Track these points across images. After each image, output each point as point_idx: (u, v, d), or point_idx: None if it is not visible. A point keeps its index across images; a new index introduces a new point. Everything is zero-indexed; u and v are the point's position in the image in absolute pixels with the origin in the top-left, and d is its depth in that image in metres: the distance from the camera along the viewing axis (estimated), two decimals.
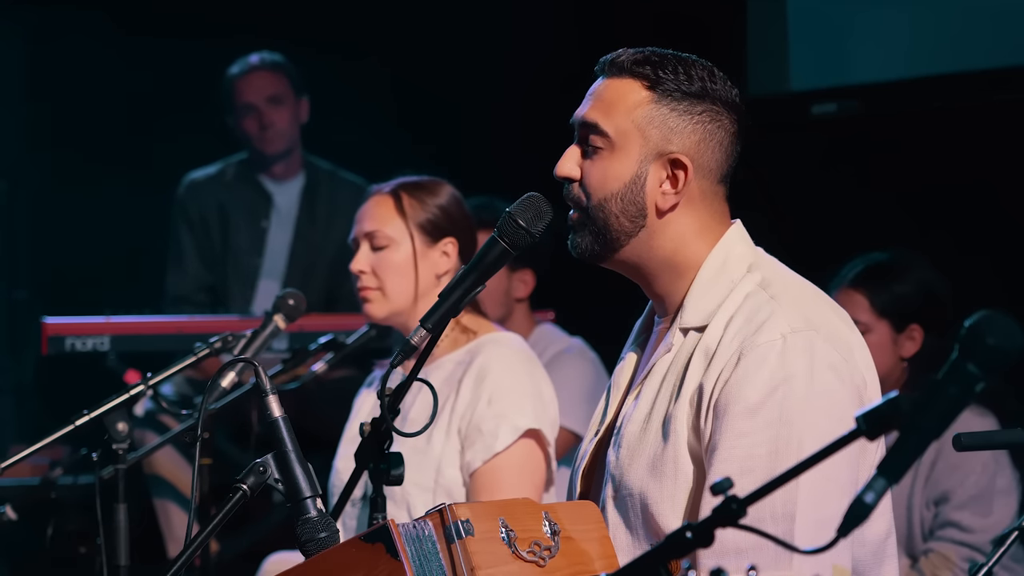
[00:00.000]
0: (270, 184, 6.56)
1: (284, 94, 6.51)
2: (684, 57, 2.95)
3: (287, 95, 6.51)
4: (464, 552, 2.62)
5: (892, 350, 4.76)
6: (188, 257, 6.51)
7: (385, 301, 4.11)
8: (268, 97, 6.48)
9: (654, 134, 2.92)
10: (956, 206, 5.75)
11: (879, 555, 2.89)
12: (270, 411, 2.84)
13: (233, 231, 6.50)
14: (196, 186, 6.55)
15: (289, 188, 6.57)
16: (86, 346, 5.50)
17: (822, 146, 6.24)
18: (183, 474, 5.89)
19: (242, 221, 6.52)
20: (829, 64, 6.23)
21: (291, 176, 6.58)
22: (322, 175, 6.60)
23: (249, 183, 6.56)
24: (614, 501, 2.91)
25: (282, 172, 6.56)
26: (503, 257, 3.01)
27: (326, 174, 6.61)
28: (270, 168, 6.55)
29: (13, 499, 4.61)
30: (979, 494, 4.69)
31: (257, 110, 6.47)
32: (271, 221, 6.53)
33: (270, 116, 6.47)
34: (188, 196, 6.54)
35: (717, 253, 2.94)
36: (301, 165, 6.59)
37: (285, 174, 6.56)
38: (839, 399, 2.79)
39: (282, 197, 6.56)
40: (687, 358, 2.89)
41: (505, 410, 3.97)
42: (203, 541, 2.81)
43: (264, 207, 6.53)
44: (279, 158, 6.53)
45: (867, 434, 2.12)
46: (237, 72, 6.52)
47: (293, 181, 6.58)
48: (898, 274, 4.80)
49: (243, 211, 6.52)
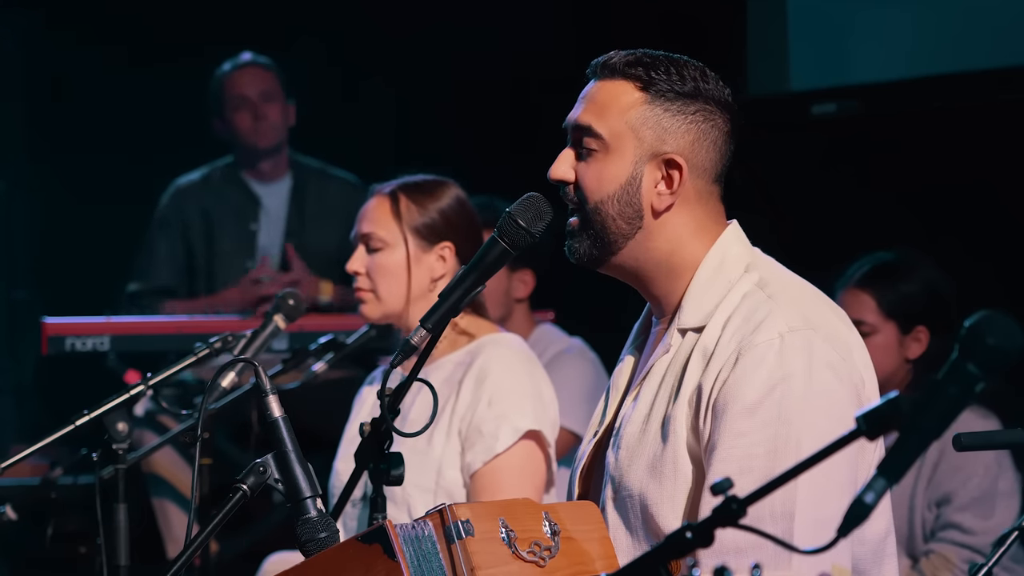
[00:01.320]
0: (257, 186, 6.55)
1: (276, 92, 6.52)
2: (676, 58, 2.95)
3: (278, 94, 6.53)
4: (464, 552, 2.62)
5: (898, 352, 4.75)
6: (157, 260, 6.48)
7: (378, 304, 4.11)
8: (262, 92, 6.49)
9: (648, 135, 2.92)
10: (956, 206, 5.75)
11: (879, 554, 2.89)
12: (270, 411, 2.84)
13: (219, 235, 6.49)
14: (181, 193, 6.54)
15: (277, 189, 6.56)
16: (86, 346, 5.50)
17: (822, 146, 6.24)
18: (183, 474, 5.89)
19: (229, 225, 6.51)
20: (829, 64, 6.23)
21: (279, 176, 6.57)
22: (311, 173, 6.58)
23: (236, 186, 6.54)
24: (614, 502, 2.91)
25: (270, 171, 6.54)
26: (503, 257, 3.01)
27: (315, 172, 6.59)
28: (258, 166, 6.52)
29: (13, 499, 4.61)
30: (981, 496, 4.68)
31: (251, 103, 6.47)
32: (260, 224, 6.52)
33: (263, 109, 6.48)
34: (172, 204, 6.53)
35: (714, 253, 2.94)
36: (288, 166, 6.59)
37: (273, 174, 6.55)
38: (837, 398, 2.79)
39: (270, 199, 6.54)
40: (685, 358, 2.89)
41: (505, 411, 3.97)
42: (203, 541, 2.81)
43: (252, 209, 6.52)
44: (268, 154, 6.51)
45: (867, 434, 2.12)
46: (229, 69, 6.53)
47: (281, 182, 6.57)
48: (905, 275, 4.78)
49: (230, 214, 6.51)
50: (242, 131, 6.49)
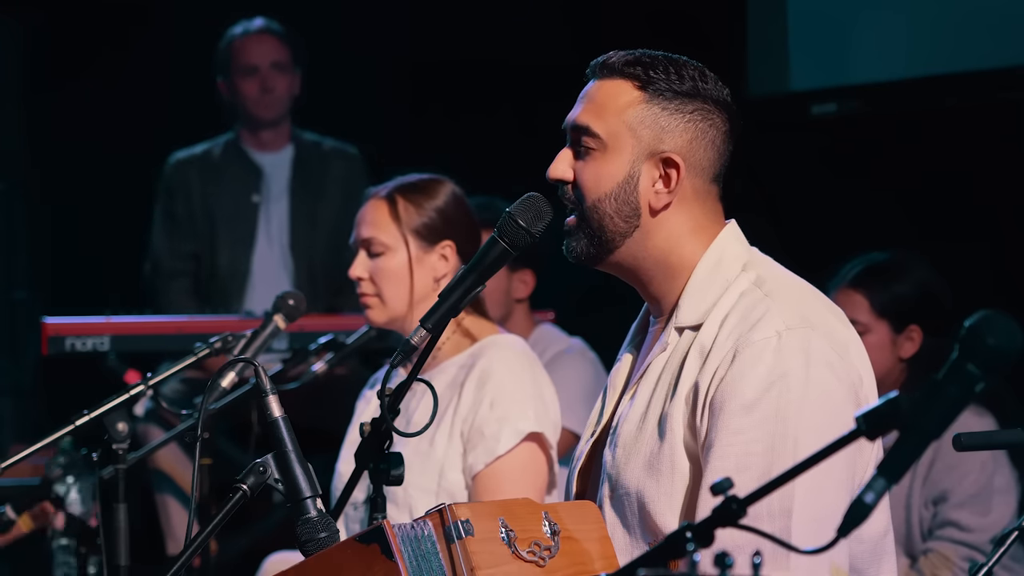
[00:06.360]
0: (259, 156, 6.50)
1: (286, 62, 6.48)
2: (675, 58, 2.96)
3: (288, 64, 6.48)
4: (464, 552, 2.62)
5: (891, 351, 4.76)
6: (168, 229, 6.46)
7: (383, 308, 4.10)
8: (272, 62, 6.44)
9: (646, 134, 2.92)
10: (956, 206, 5.75)
11: (877, 552, 2.90)
12: (270, 411, 2.84)
13: (219, 208, 6.45)
14: (182, 165, 6.50)
15: (279, 159, 6.52)
16: (86, 346, 5.50)
17: (822, 146, 6.24)
18: (185, 471, 5.89)
19: (230, 198, 6.46)
20: (829, 64, 6.23)
21: (280, 147, 6.54)
22: (310, 146, 6.55)
23: (237, 159, 6.49)
24: (611, 500, 2.92)
25: (271, 141, 6.51)
26: (503, 257, 3.01)
27: (313, 145, 6.56)
28: (259, 135, 6.49)
29: (13, 499, 4.61)
30: (978, 493, 4.69)
31: (259, 72, 6.43)
32: (263, 196, 6.48)
33: (272, 80, 6.44)
34: (172, 176, 6.49)
35: (712, 252, 2.94)
36: (289, 137, 6.56)
37: (274, 144, 6.51)
38: (835, 396, 2.80)
39: (273, 168, 6.50)
40: (682, 357, 2.89)
41: (507, 413, 3.96)
42: (203, 541, 2.81)
43: (254, 182, 6.47)
44: (270, 125, 6.48)
45: (867, 434, 2.12)
46: (240, 33, 6.47)
47: (282, 152, 6.53)
48: (898, 274, 4.80)
49: (232, 188, 6.47)
50: (248, 99, 6.45)
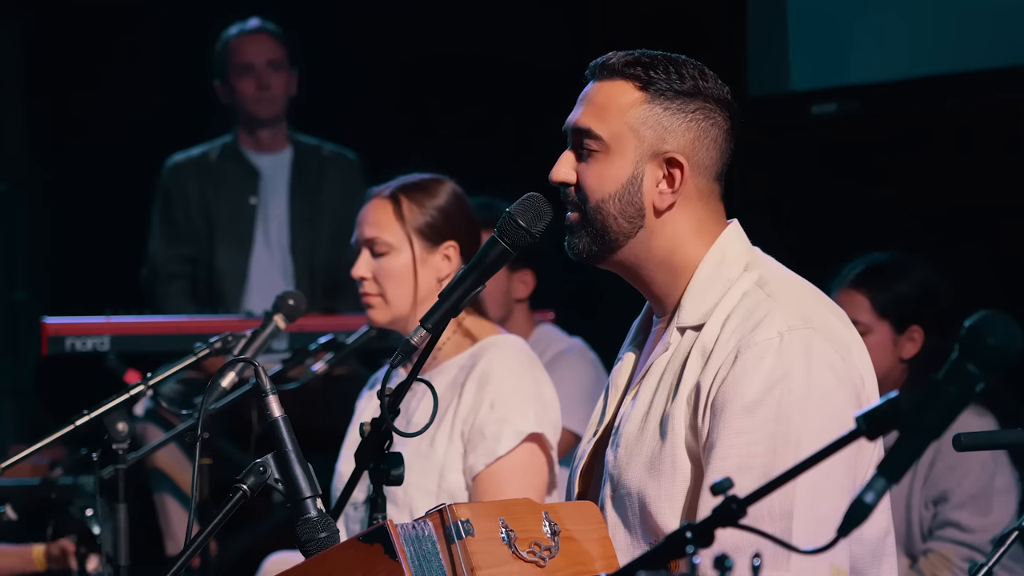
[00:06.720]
0: (256, 158, 6.50)
1: (282, 61, 6.49)
2: (674, 57, 2.95)
3: (284, 63, 6.49)
4: (464, 552, 2.62)
5: (892, 351, 4.76)
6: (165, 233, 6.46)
7: (387, 308, 4.09)
8: (268, 60, 6.46)
9: (648, 134, 2.92)
10: (956, 206, 5.75)
11: (878, 553, 2.89)
12: (270, 411, 2.84)
13: (217, 211, 6.45)
14: (178, 168, 6.50)
15: (277, 160, 6.52)
16: (86, 346, 5.50)
17: (822, 146, 6.24)
18: (184, 471, 5.89)
19: (228, 200, 6.46)
20: (829, 64, 6.23)
21: (278, 148, 6.54)
22: (309, 149, 6.55)
23: (235, 161, 6.49)
24: (612, 501, 2.91)
25: (269, 142, 6.51)
26: (503, 257, 3.00)
27: (312, 148, 6.56)
28: (257, 136, 6.49)
29: (13, 499, 4.61)
30: (978, 493, 4.69)
31: (256, 71, 6.44)
32: (260, 197, 6.48)
33: (268, 78, 6.45)
34: (169, 179, 6.49)
35: (714, 252, 2.94)
36: (287, 139, 6.56)
37: (272, 145, 6.52)
38: (837, 397, 2.79)
39: (271, 170, 6.50)
40: (684, 357, 2.89)
41: (507, 414, 3.96)
42: (203, 541, 2.81)
43: (252, 184, 6.47)
44: (268, 124, 6.48)
45: (867, 434, 2.12)
46: (236, 33, 6.48)
47: (280, 154, 6.54)
48: (899, 275, 4.79)
49: (229, 190, 6.46)
50: (245, 98, 6.45)
